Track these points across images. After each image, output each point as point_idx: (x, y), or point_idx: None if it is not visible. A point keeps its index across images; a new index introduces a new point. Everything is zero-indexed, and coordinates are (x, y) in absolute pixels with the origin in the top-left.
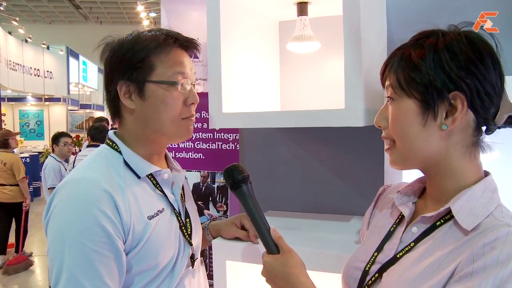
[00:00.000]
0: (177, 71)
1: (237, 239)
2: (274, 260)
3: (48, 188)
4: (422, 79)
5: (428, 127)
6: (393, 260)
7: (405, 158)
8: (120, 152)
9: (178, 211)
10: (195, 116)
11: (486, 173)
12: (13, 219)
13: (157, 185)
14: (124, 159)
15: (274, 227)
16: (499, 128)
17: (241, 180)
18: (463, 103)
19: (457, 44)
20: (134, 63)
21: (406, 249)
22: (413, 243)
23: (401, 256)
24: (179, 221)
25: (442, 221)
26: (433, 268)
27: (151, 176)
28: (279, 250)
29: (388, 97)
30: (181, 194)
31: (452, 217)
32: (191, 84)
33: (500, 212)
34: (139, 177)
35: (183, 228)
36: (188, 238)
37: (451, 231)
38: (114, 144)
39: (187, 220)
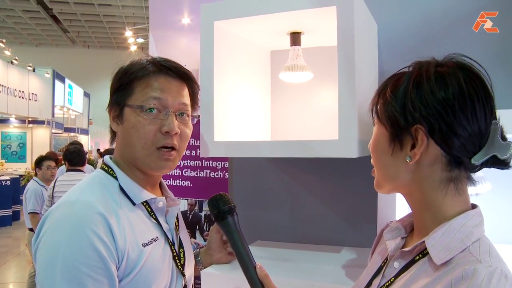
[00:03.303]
0: (152, 96)
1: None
2: None
3: (29, 213)
4: (389, 110)
5: (395, 156)
6: None
7: (380, 184)
8: (115, 177)
9: (172, 240)
10: (177, 147)
11: (474, 206)
12: None
13: (152, 213)
14: (119, 184)
15: (260, 263)
16: (480, 167)
17: (227, 211)
18: (422, 137)
19: (426, 80)
20: (118, 88)
21: (387, 284)
22: (393, 278)
23: None
24: (172, 251)
25: (421, 255)
26: None
27: (146, 204)
28: None
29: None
30: (175, 224)
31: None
32: (172, 112)
33: (478, 247)
34: (134, 204)
35: (176, 258)
36: (181, 269)
37: (425, 266)
38: (110, 169)
39: (181, 250)
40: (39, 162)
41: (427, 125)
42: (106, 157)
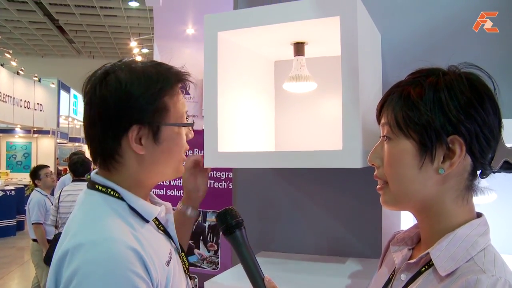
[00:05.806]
0: (184, 111)
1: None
2: None
3: (32, 223)
4: (420, 119)
5: (424, 170)
6: None
7: (398, 200)
8: (118, 197)
9: (177, 248)
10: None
11: (479, 215)
12: None
13: (160, 225)
14: (128, 205)
15: (268, 276)
16: (494, 172)
17: (234, 225)
18: (461, 147)
19: (458, 85)
20: (149, 106)
21: None
22: None
23: None
24: (181, 257)
25: (426, 267)
26: None
27: (154, 218)
28: None
29: (384, 136)
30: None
31: None
32: None
33: (482, 256)
34: (146, 221)
35: (183, 264)
36: (187, 272)
37: (431, 277)
38: (111, 191)
39: (182, 254)
40: (35, 173)
41: (467, 134)
42: (101, 179)
